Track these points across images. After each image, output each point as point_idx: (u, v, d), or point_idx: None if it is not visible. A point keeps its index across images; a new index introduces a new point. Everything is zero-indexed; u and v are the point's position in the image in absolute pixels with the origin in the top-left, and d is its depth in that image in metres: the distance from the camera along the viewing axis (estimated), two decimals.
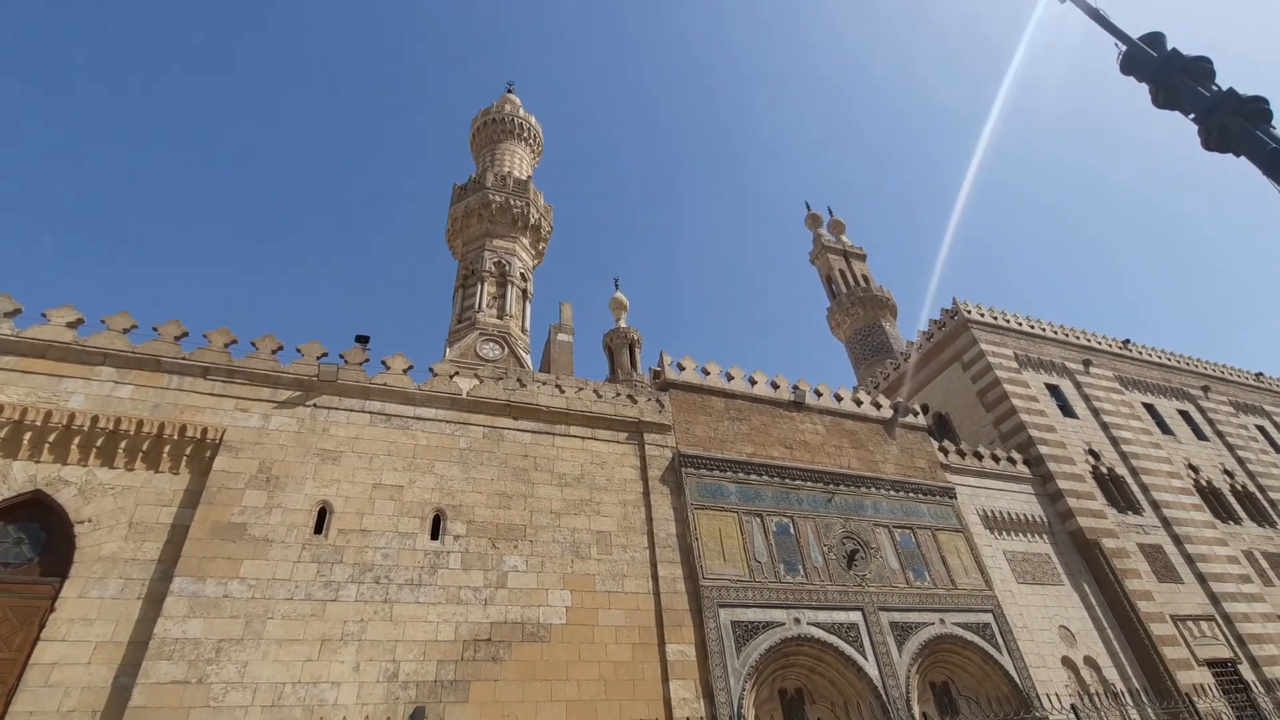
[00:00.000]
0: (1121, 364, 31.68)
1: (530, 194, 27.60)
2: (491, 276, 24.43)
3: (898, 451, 21.21)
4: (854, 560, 17.29)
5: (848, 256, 52.26)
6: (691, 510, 16.33)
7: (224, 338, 15.31)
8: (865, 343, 45.45)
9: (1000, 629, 17.64)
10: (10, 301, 13.89)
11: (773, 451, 18.88)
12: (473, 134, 34.63)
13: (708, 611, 14.62)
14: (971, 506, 20.98)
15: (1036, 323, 30.77)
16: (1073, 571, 21.15)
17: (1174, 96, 6.36)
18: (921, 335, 31.46)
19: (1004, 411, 25.77)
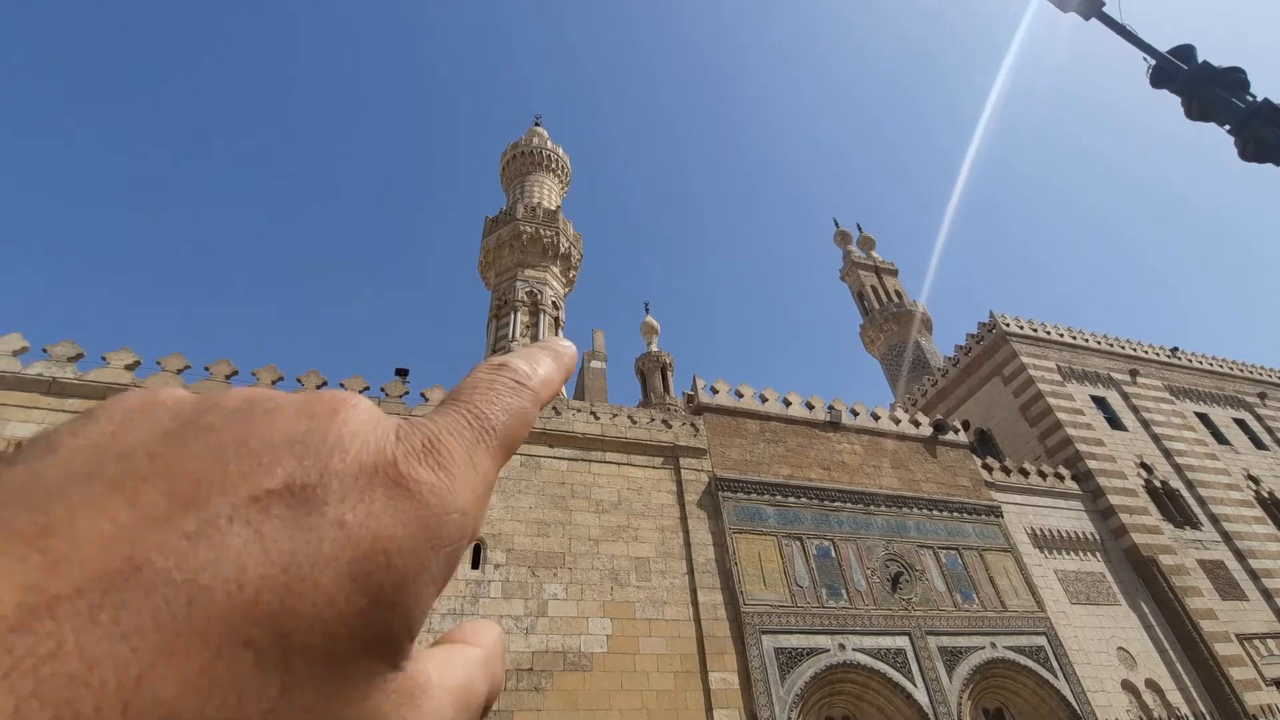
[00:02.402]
0: (1170, 373, 30.59)
1: (559, 223, 28.13)
2: (524, 306, 24.87)
3: (939, 470, 20.78)
4: (898, 583, 16.91)
5: (879, 272, 51.78)
6: (730, 534, 16.21)
7: (271, 375, 15.87)
8: (901, 359, 44.79)
9: (1055, 652, 17.00)
10: (73, 347, 14.66)
11: (810, 473, 18.68)
12: (502, 167, 35.51)
13: (750, 638, 14.44)
14: (1019, 525, 20.37)
15: (1079, 333, 29.96)
16: (1129, 590, 20.31)
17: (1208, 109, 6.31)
18: (959, 350, 30.89)
19: (1049, 425, 25.06)
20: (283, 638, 0.25)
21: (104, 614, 0.22)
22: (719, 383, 19.85)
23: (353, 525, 0.28)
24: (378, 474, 0.30)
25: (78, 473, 0.26)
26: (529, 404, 0.39)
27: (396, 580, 0.28)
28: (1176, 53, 6.47)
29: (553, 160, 34.71)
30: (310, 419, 0.31)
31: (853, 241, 55.97)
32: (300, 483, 0.28)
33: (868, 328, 48.11)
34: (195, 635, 0.23)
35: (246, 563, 0.25)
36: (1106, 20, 7.32)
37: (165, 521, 0.25)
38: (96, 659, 0.21)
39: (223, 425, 0.30)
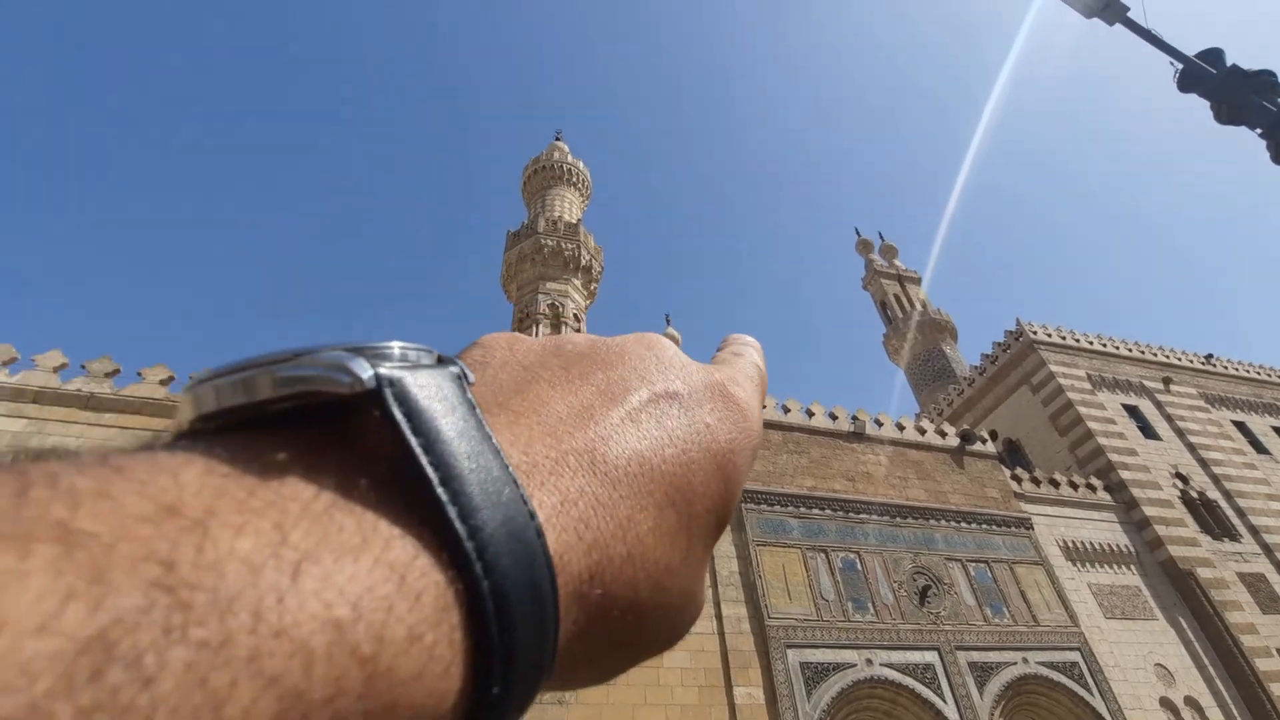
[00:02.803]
0: (1206, 380, 29.79)
1: (581, 236, 28.34)
2: (546, 318, 25.05)
3: (967, 481, 20.44)
4: (926, 597, 16.62)
5: (902, 281, 51.31)
6: (753, 547, 16.09)
7: None
8: (925, 368, 44.25)
9: (1089, 668, 16.56)
10: (110, 363, 15.09)
11: (834, 484, 18.49)
12: (524, 182, 35.91)
13: (775, 652, 14.28)
14: (1050, 537, 19.93)
15: (1109, 340, 29.34)
16: (1166, 605, 19.73)
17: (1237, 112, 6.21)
18: (985, 358, 30.44)
19: (1079, 435, 24.54)
20: (689, 504, 0.32)
21: (597, 467, 0.29)
22: None
23: (714, 426, 0.36)
24: (716, 391, 0.38)
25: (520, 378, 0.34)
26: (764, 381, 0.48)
27: (738, 474, 0.36)
28: (1204, 56, 6.38)
29: (573, 174, 35.04)
30: (652, 349, 0.39)
31: (874, 250, 55.58)
32: (674, 390, 0.36)
33: (891, 337, 47.63)
34: (649, 492, 0.30)
35: (663, 443, 0.32)
36: (1131, 25, 7.26)
37: (603, 408, 0.32)
38: (604, 499, 0.29)
39: (593, 352, 0.37)
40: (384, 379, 0.24)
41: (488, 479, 0.24)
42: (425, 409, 0.24)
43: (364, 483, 0.22)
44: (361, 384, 0.23)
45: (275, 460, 0.22)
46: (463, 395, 0.26)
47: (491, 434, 0.26)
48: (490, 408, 0.30)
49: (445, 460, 0.23)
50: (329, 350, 0.24)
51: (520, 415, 0.30)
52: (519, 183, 36.77)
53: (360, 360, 0.24)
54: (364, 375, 0.23)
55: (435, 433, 0.24)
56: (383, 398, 0.23)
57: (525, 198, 35.68)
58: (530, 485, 0.26)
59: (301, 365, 0.24)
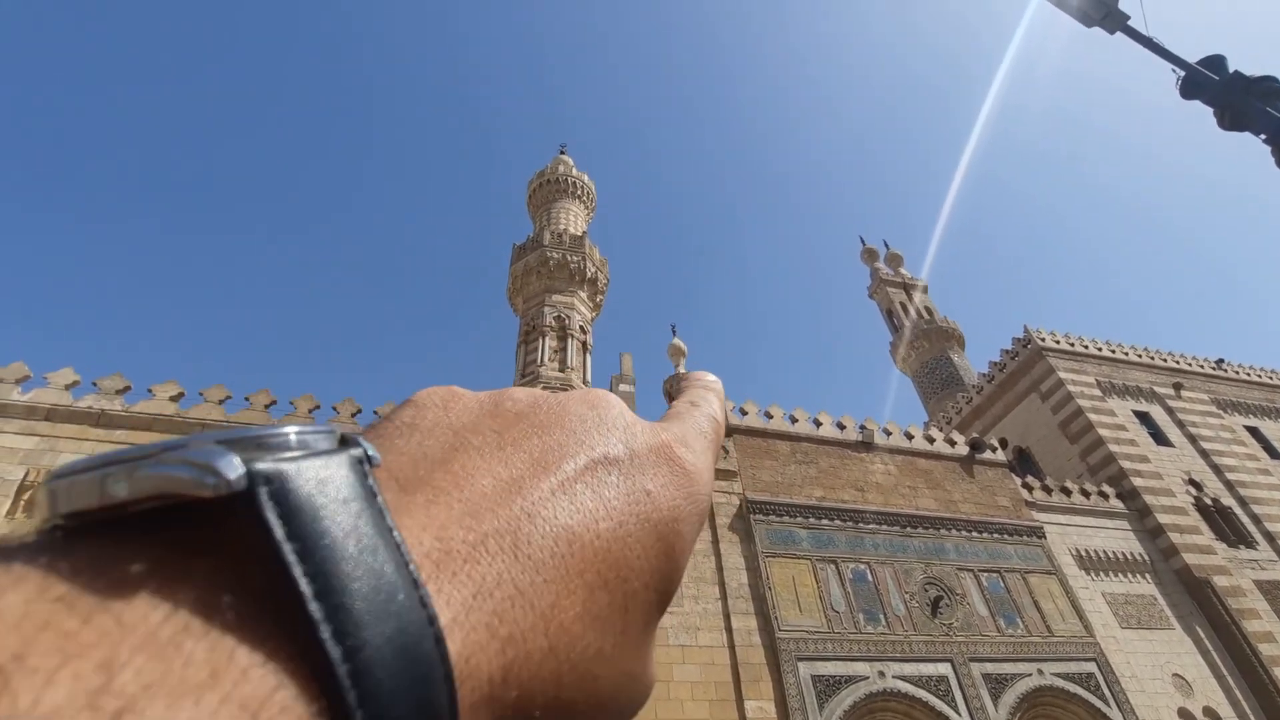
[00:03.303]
0: (1217, 385, 29.53)
1: (586, 249, 28.48)
2: (552, 331, 25.12)
3: (977, 490, 20.29)
4: (938, 607, 16.46)
5: (907, 289, 51.22)
6: (763, 558, 15.99)
7: (308, 404, 16.25)
8: (933, 376, 44.05)
9: (1106, 679, 16.33)
10: (121, 380, 15.22)
11: (843, 495, 18.39)
12: (529, 195, 36.16)
13: (786, 665, 14.16)
14: (1063, 546, 19.73)
15: (1118, 346, 29.16)
16: (1183, 614, 19.46)
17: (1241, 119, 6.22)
18: (993, 366, 30.29)
19: (1090, 442, 24.34)
20: (623, 583, 0.29)
21: (520, 550, 0.27)
22: (748, 404, 19.75)
23: (656, 493, 0.33)
24: (660, 454, 0.36)
25: (449, 444, 0.31)
26: (720, 433, 0.47)
27: (683, 545, 0.34)
28: (1206, 63, 6.40)
29: (578, 187, 35.26)
30: (595, 408, 0.37)
31: (879, 259, 55.54)
32: (614, 455, 0.33)
33: (898, 345, 47.48)
34: (578, 573, 0.28)
35: (597, 516, 0.30)
36: (1132, 34, 7.28)
37: (533, 480, 0.30)
38: (524, 587, 0.26)
39: (531, 412, 0.35)
40: (259, 476, 0.21)
41: (378, 584, 0.21)
42: (307, 508, 0.21)
43: (228, 599, 0.19)
44: (228, 485, 0.20)
45: (126, 574, 0.19)
46: (361, 484, 0.23)
47: (393, 526, 0.23)
48: (409, 484, 0.28)
49: (325, 568, 0.20)
50: (202, 445, 0.21)
51: (441, 492, 0.27)
52: (524, 196, 37.04)
53: (230, 457, 0.21)
54: (231, 475, 0.20)
55: (316, 535, 0.21)
56: (254, 499, 0.21)
57: (530, 211, 35.92)
58: (440, 578, 0.24)
59: (163, 464, 0.21)
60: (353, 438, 0.26)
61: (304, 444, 0.24)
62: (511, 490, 0.29)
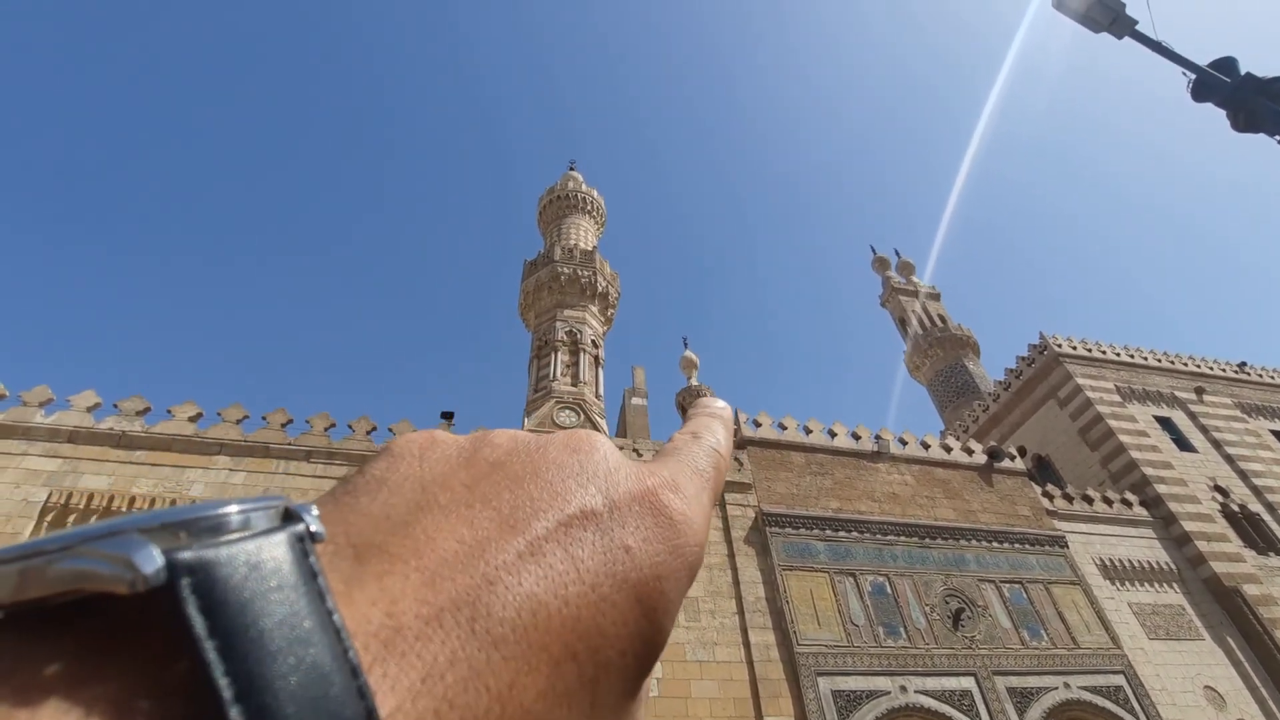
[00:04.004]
0: (1240, 389, 29.00)
1: (596, 263, 28.62)
2: (564, 346, 25.20)
3: (996, 499, 20.01)
4: (960, 620, 16.18)
5: (920, 296, 50.94)
6: (779, 571, 15.84)
7: (324, 422, 16.37)
8: (948, 384, 43.65)
9: (1135, 692, 15.95)
10: (141, 401, 15.44)
11: (860, 505, 18.20)
12: (539, 212, 36.47)
13: (805, 680, 13.97)
14: (1086, 555, 19.37)
15: (1136, 351, 28.76)
16: (1212, 624, 19.00)
17: (1254, 120, 6.15)
18: (1009, 373, 29.97)
19: (1111, 449, 23.96)
20: (595, 653, 0.27)
21: (478, 624, 0.24)
22: (761, 415, 19.65)
23: (636, 550, 0.30)
24: (645, 502, 0.33)
25: (416, 501, 0.29)
26: (723, 466, 0.44)
27: (665, 604, 0.30)
28: (1218, 65, 6.35)
29: (588, 202, 35.53)
30: (577, 454, 0.34)
31: (891, 267, 55.34)
32: (591, 509, 0.31)
33: (912, 354, 47.14)
34: (542, 647, 0.25)
35: (568, 581, 0.27)
36: (1140, 38, 7.25)
37: (500, 541, 0.27)
38: (480, 666, 0.23)
39: (509, 460, 0.32)
40: (181, 567, 0.19)
41: (310, 678, 0.19)
42: (233, 599, 0.19)
43: (144, 704, 0.18)
44: (144, 581, 0.19)
45: (39, 677, 0.18)
46: (299, 564, 0.22)
47: (333, 609, 0.21)
48: (365, 552, 0.25)
49: (248, 665, 0.18)
50: (124, 535, 0.20)
51: (397, 560, 0.25)
52: (534, 213, 37.36)
53: (148, 550, 0.19)
54: (147, 570, 0.19)
55: (241, 629, 0.19)
56: (176, 594, 0.19)
57: (541, 227, 36.21)
58: (387, 660, 0.22)
59: (79, 557, 0.19)
60: (297, 510, 0.24)
61: (240, 524, 0.22)
62: (475, 555, 0.26)
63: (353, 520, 0.27)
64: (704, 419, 0.49)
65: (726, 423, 0.49)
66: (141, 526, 0.20)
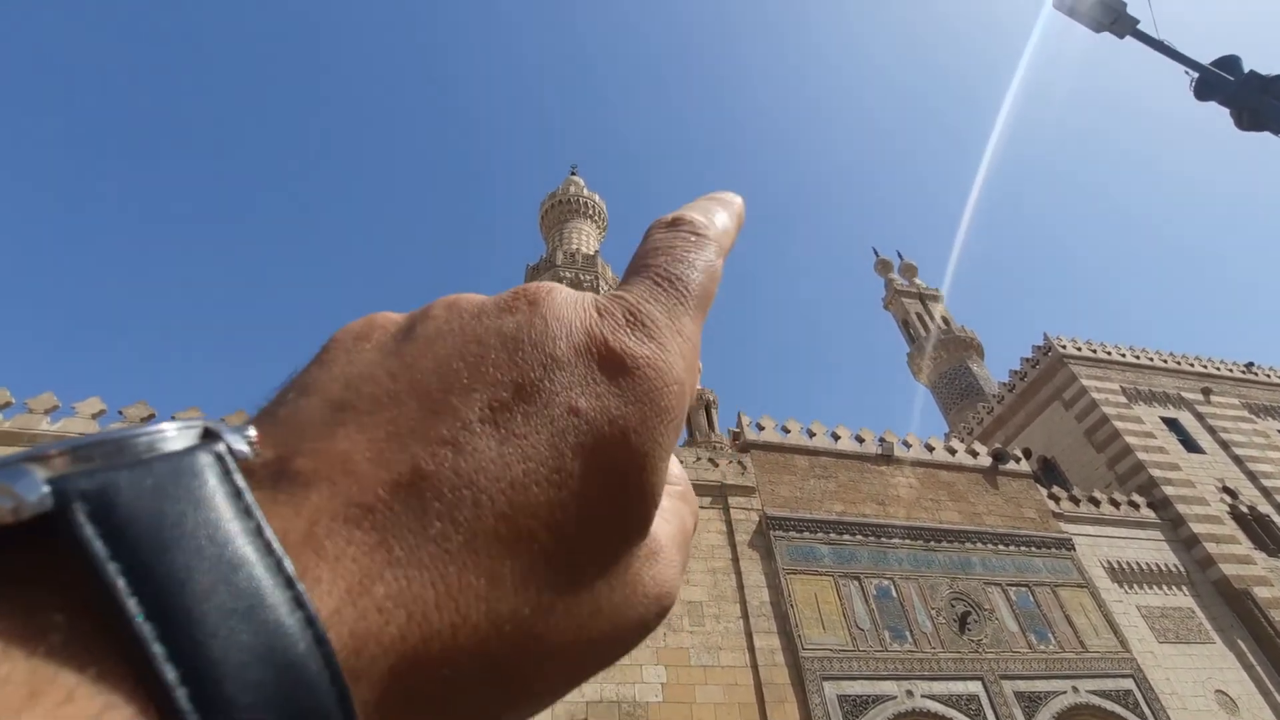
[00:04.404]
0: (1248, 389, 28.78)
1: (598, 267, 28.65)
2: None
3: (1002, 502, 19.89)
4: (966, 623, 16.07)
5: (923, 299, 50.83)
6: (784, 575, 15.76)
7: None
8: (952, 386, 43.51)
9: (1145, 696, 15.80)
10: (145, 408, 15.47)
11: (864, 509, 18.11)
12: (541, 216, 36.52)
13: (810, 685, 13.88)
14: (1094, 558, 19.22)
15: (1142, 352, 28.59)
16: (1223, 627, 18.82)
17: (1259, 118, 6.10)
18: (1014, 375, 29.84)
19: (1118, 451, 23.80)
20: (555, 528, 0.25)
21: (413, 520, 0.23)
22: (765, 419, 19.59)
23: (586, 411, 0.28)
24: (593, 354, 0.29)
25: (339, 401, 0.27)
26: (714, 257, 0.37)
27: (638, 460, 0.28)
28: (1220, 64, 6.30)
29: (589, 207, 35.56)
30: (514, 314, 0.31)
31: (894, 270, 55.24)
32: (528, 379, 0.28)
33: (915, 356, 47.03)
34: (489, 534, 0.24)
35: (509, 461, 0.25)
36: (1142, 37, 7.21)
37: (426, 431, 0.26)
38: (424, 562, 0.22)
39: (439, 335, 0.30)
40: (74, 492, 0.18)
41: (237, 591, 0.19)
42: (138, 521, 0.19)
43: (56, 620, 0.18)
44: (27, 507, 0.18)
45: None
46: (224, 481, 0.21)
47: (262, 523, 0.20)
48: (289, 463, 0.24)
49: (162, 585, 0.18)
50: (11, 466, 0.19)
51: (323, 462, 0.24)
52: (536, 217, 37.41)
53: (30, 476, 0.18)
54: (29, 496, 0.18)
55: (153, 550, 0.18)
56: (68, 519, 0.18)
57: (543, 232, 36.24)
58: (320, 566, 0.21)
59: None
60: (218, 429, 0.23)
61: (151, 446, 0.21)
62: (398, 451, 0.25)
63: (277, 432, 0.26)
64: (701, 202, 0.41)
65: (729, 206, 0.42)
66: (36, 455, 0.19)
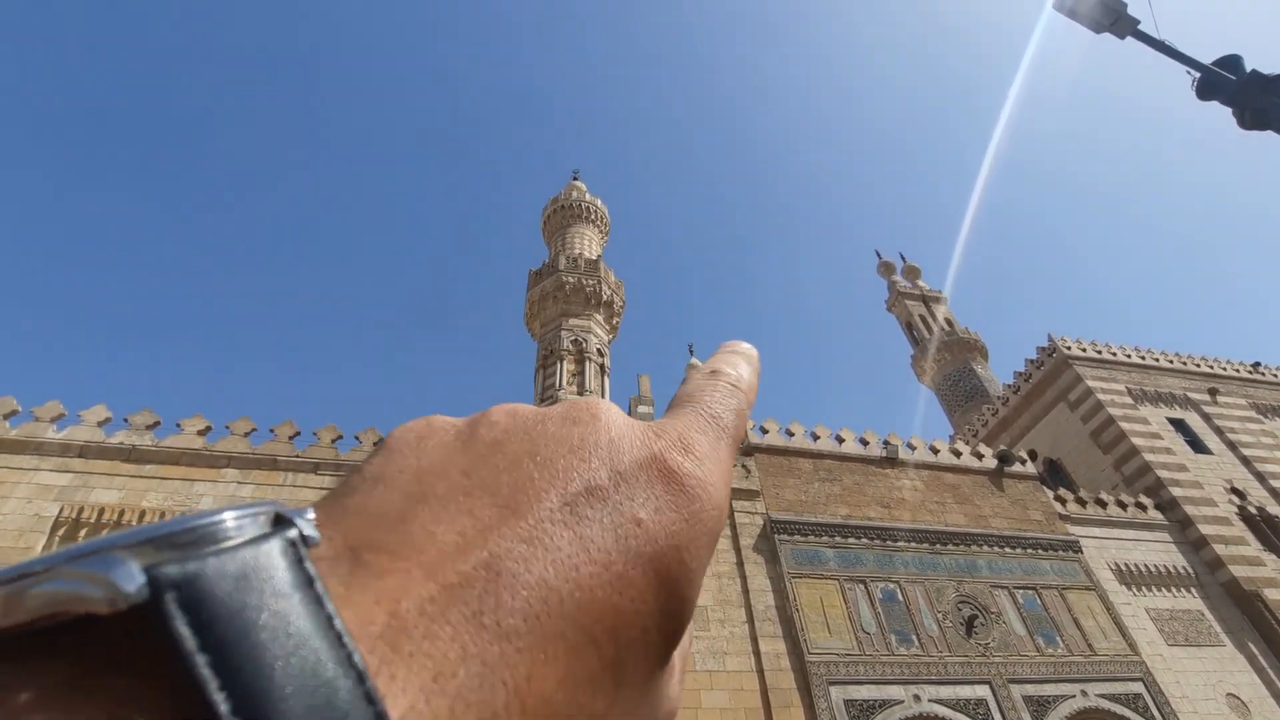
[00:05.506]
0: (1255, 390, 28.62)
1: (601, 272, 28.65)
2: (570, 354, 25.21)
3: (1008, 504, 19.79)
4: (973, 627, 15.98)
5: (926, 301, 50.72)
6: (789, 579, 15.70)
7: (330, 434, 16.42)
8: (956, 388, 43.36)
9: (1155, 700, 15.67)
10: (151, 415, 15.53)
11: (869, 512, 18.04)
12: (543, 221, 36.59)
13: (817, 690, 13.81)
14: (1101, 560, 19.11)
15: (1148, 353, 28.47)
16: (1233, 629, 18.67)
17: (1262, 117, 6.09)
18: (1018, 376, 29.74)
19: (1124, 452, 23.67)
20: (614, 634, 0.26)
21: (487, 617, 0.23)
22: (768, 422, 19.56)
23: (648, 522, 0.29)
24: (653, 469, 0.31)
25: (413, 494, 0.28)
26: (744, 405, 0.41)
27: (686, 575, 0.29)
28: (1222, 63, 6.29)
29: (592, 212, 35.62)
30: (578, 425, 0.32)
31: (896, 272, 55.16)
32: (595, 484, 0.29)
33: (919, 358, 46.91)
34: (558, 634, 0.24)
35: (578, 562, 0.26)
36: (1143, 38, 7.20)
37: (502, 528, 0.26)
38: (493, 660, 0.22)
39: (506, 440, 0.31)
40: (166, 582, 0.18)
41: (314, 685, 0.18)
42: (224, 612, 0.19)
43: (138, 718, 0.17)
44: (125, 599, 0.18)
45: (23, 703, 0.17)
46: (294, 570, 0.21)
47: (333, 614, 0.20)
48: (363, 553, 0.24)
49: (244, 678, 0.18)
50: (104, 553, 0.19)
51: (397, 557, 0.24)
52: (539, 222, 37.49)
53: (127, 566, 0.18)
54: (128, 588, 0.18)
55: (234, 642, 0.18)
56: (161, 609, 0.18)
57: (545, 237, 36.32)
58: (395, 661, 0.21)
59: (59, 579, 0.19)
60: (288, 515, 0.23)
61: (227, 534, 0.21)
62: (477, 545, 0.25)
63: (349, 521, 0.26)
64: (726, 354, 0.46)
65: (751, 360, 0.46)
66: (123, 544, 0.19)
